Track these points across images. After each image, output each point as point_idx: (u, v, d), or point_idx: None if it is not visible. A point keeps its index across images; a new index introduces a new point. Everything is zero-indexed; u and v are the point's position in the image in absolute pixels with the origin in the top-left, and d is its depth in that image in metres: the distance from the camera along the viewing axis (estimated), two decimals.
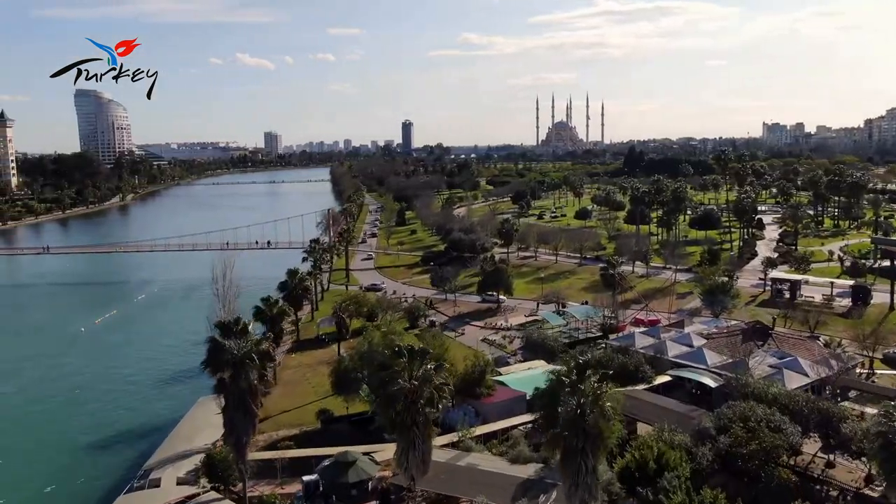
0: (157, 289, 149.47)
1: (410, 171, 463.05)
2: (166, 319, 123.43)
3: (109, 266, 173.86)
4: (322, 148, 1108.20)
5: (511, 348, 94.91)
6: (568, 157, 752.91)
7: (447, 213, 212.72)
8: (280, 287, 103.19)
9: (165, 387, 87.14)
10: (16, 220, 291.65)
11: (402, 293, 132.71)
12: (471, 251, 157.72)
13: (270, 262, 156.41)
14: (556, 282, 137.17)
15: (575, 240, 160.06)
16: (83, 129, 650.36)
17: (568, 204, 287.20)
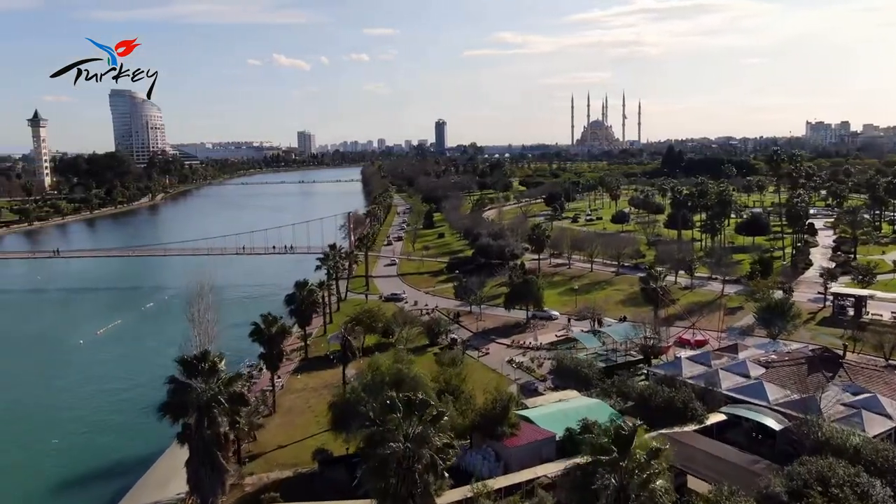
0: (168, 296, 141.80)
1: (441, 171, 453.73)
2: (171, 331, 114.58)
3: (122, 270, 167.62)
4: (356, 147, 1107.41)
5: (540, 373, 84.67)
6: (603, 157, 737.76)
7: (476, 216, 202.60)
8: (287, 300, 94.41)
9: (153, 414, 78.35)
10: (42, 220, 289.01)
11: (424, 304, 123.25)
12: (499, 258, 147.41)
13: (288, 268, 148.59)
14: (590, 293, 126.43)
15: (612, 246, 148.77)
16: (118, 129, 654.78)
17: (604, 206, 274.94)
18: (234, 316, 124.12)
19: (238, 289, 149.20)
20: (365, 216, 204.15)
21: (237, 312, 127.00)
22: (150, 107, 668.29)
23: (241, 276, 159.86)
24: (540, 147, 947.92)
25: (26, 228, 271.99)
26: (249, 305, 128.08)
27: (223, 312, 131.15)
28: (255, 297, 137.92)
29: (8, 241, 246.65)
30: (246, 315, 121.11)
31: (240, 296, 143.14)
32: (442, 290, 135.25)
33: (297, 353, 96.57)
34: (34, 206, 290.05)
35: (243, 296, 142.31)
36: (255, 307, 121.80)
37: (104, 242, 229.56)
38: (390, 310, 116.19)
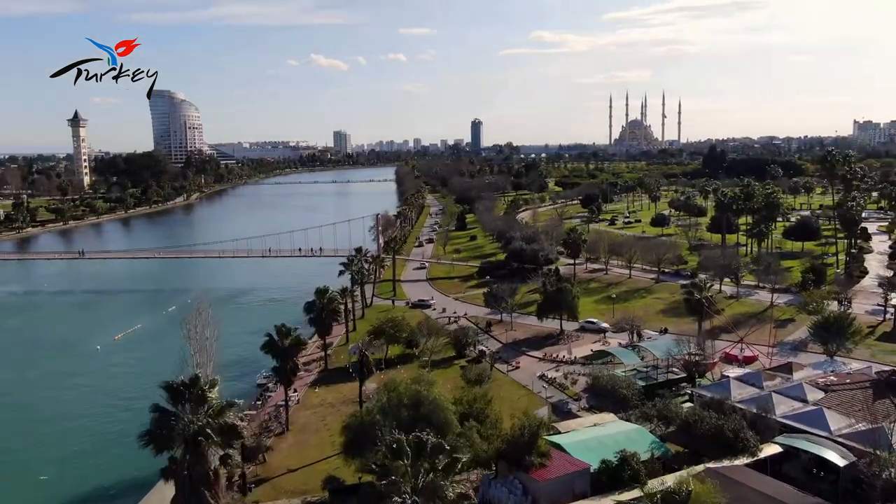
0: (190, 298, 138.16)
1: (476, 171, 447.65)
2: None
3: (148, 272, 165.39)
4: (392, 147, 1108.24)
5: (574, 390, 78.52)
6: (642, 157, 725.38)
7: (510, 218, 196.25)
8: (306, 308, 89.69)
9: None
10: (78, 219, 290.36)
11: (453, 311, 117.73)
12: (532, 263, 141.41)
13: (315, 271, 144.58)
14: (629, 301, 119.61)
15: (652, 251, 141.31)
16: (157, 129, 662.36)
17: (643, 208, 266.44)
18: (256, 321, 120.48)
19: (263, 292, 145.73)
20: (395, 218, 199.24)
21: (259, 317, 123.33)
22: (189, 107, 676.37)
23: (267, 279, 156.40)
24: (577, 147, 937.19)
25: (61, 228, 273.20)
26: (273, 309, 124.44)
27: (245, 316, 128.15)
28: (278, 300, 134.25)
29: (42, 241, 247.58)
30: (268, 320, 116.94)
31: (263, 299, 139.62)
32: (472, 296, 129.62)
33: (317, 363, 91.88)
34: (69, 205, 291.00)
35: (267, 299, 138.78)
36: (278, 312, 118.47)
37: (136, 242, 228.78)
38: (416, 318, 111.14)
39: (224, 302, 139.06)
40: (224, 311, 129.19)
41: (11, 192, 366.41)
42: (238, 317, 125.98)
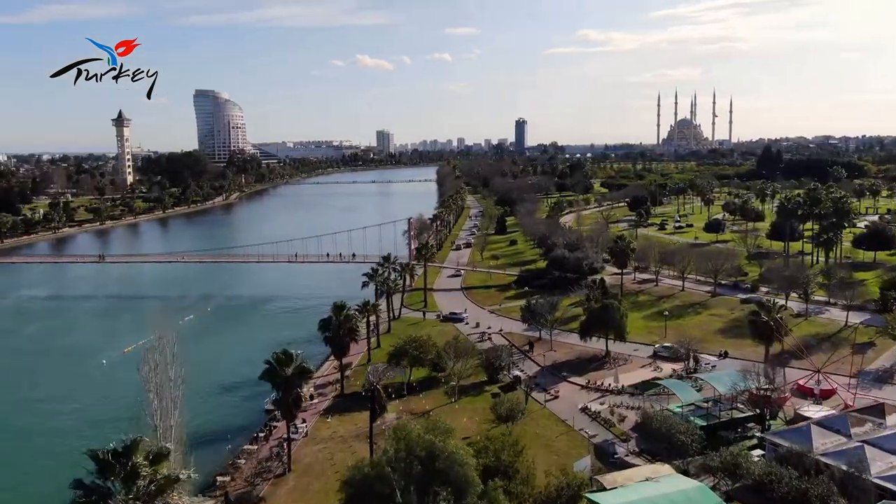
0: (212, 307, 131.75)
1: (518, 172, 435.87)
2: (205, 354, 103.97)
3: (171, 277, 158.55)
4: (435, 147, 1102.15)
5: (621, 429, 67.94)
6: (691, 157, 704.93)
7: (552, 222, 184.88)
8: (321, 325, 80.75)
9: None
10: (115, 219, 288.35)
11: (487, 326, 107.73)
12: (576, 272, 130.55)
13: (345, 277, 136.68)
14: (682, 318, 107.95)
15: (707, 261, 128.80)
16: (201, 129, 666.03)
17: (694, 212, 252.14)
18: (276, 331, 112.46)
19: (287, 300, 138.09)
20: (431, 221, 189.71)
21: (280, 327, 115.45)
22: (233, 107, 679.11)
23: (294, 286, 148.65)
24: (624, 147, 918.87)
25: (98, 228, 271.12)
26: (295, 320, 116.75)
27: (264, 327, 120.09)
28: (302, 309, 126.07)
29: (79, 241, 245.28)
30: (289, 331, 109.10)
31: (287, 308, 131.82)
32: (508, 308, 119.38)
33: (332, 386, 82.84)
34: (106, 205, 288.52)
35: (291, 308, 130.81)
36: (301, 323, 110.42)
37: (167, 244, 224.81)
38: (445, 334, 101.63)
39: (245, 310, 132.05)
40: (242, 327, 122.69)
41: (56, 192, 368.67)
42: (257, 327, 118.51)
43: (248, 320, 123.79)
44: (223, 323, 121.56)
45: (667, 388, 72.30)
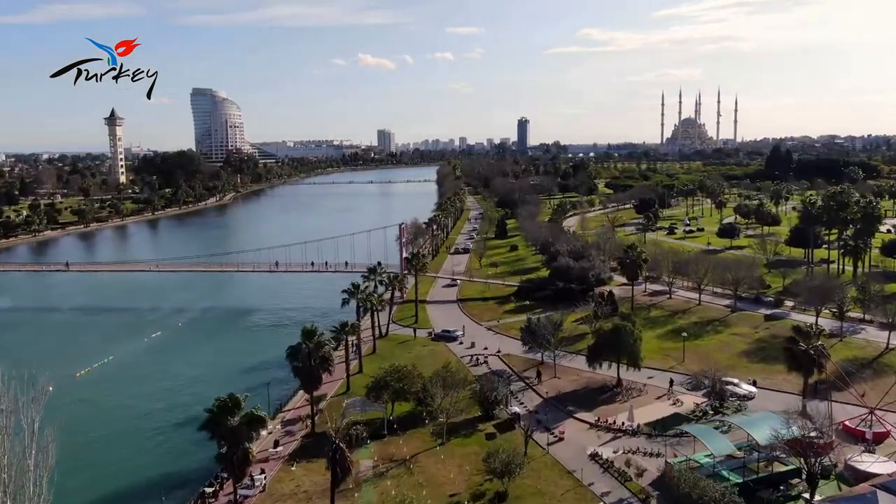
0: (183, 322, 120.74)
1: (520, 172, 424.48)
2: (169, 377, 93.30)
3: (147, 285, 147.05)
4: (437, 146, 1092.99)
5: (639, 484, 56.83)
6: (696, 157, 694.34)
7: (555, 227, 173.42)
8: (289, 354, 69.67)
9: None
10: (102, 221, 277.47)
11: (483, 346, 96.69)
12: (581, 283, 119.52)
13: (329, 290, 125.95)
14: (700, 337, 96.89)
15: (725, 271, 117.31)
16: (198, 128, 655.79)
17: (703, 214, 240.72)
18: (249, 352, 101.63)
19: (267, 314, 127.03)
20: (426, 226, 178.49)
21: (254, 345, 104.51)
22: (230, 105, 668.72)
23: (274, 298, 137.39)
24: (627, 146, 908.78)
25: (82, 230, 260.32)
26: (273, 339, 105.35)
27: (238, 346, 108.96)
28: (283, 325, 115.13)
29: (61, 245, 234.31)
30: (263, 351, 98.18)
31: (265, 324, 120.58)
32: (508, 325, 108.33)
33: (302, 424, 71.78)
34: (94, 206, 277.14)
35: (270, 324, 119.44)
36: (277, 340, 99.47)
37: (152, 248, 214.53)
38: (436, 356, 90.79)
39: (220, 325, 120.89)
40: (215, 344, 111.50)
41: (47, 193, 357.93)
42: (230, 346, 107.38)
43: (221, 337, 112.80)
44: (193, 340, 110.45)
45: (690, 433, 61.08)
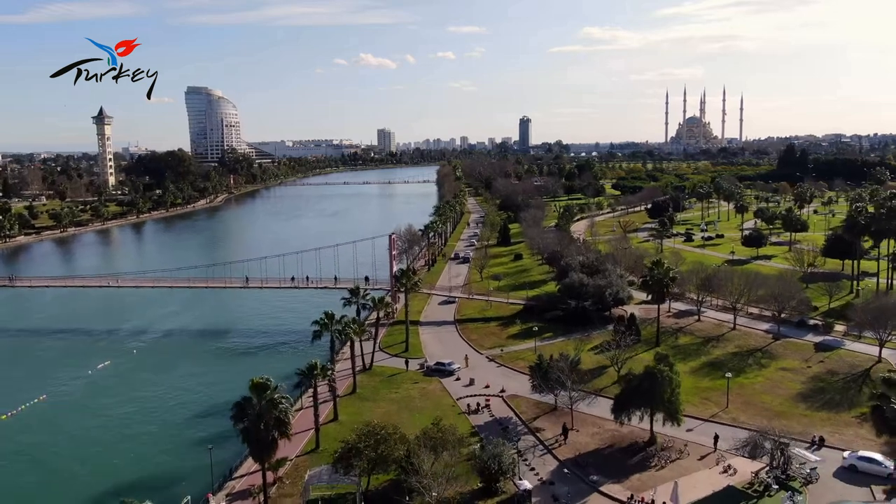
0: (139, 347, 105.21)
1: (523, 172, 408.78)
2: (100, 427, 77.78)
3: (107, 303, 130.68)
4: (438, 145, 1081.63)
5: None
6: (701, 156, 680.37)
7: (563, 236, 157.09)
8: (234, 413, 54.19)
9: None
10: (81, 226, 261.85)
11: (485, 384, 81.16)
12: (596, 301, 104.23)
13: (311, 308, 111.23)
14: (743, 373, 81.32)
15: (758, 287, 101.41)
16: (193, 128, 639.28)
17: (720, 217, 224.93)
18: (213, 384, 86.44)
19: (237, 337, 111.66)
20: (422, 233, 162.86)
21: (218, 377, 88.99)
22: (226, 104, 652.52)
23: (248, 317, 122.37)
24: (629, 145, 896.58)
25: (59, 236, 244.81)
26: (238, 366, 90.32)
27: (202, 374, 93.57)
28: (251, 350, 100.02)
29: (33, 251, 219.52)
30: (225, 387, 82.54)
31: (236, 348, 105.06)
32: (514, 354, 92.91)
33: (255, 499, 56.37)
34: (75, 209, 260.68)
35: (239, 349, 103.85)
36: (244, 370, 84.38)
37: (127, 257, 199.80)
38: (428, 397, 75.73)
39: (181, 352, 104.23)
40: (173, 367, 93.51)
41: (32, 194, 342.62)
42: (187, 380, 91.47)
43: (180, 367, 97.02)
44: (145, 372, 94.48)
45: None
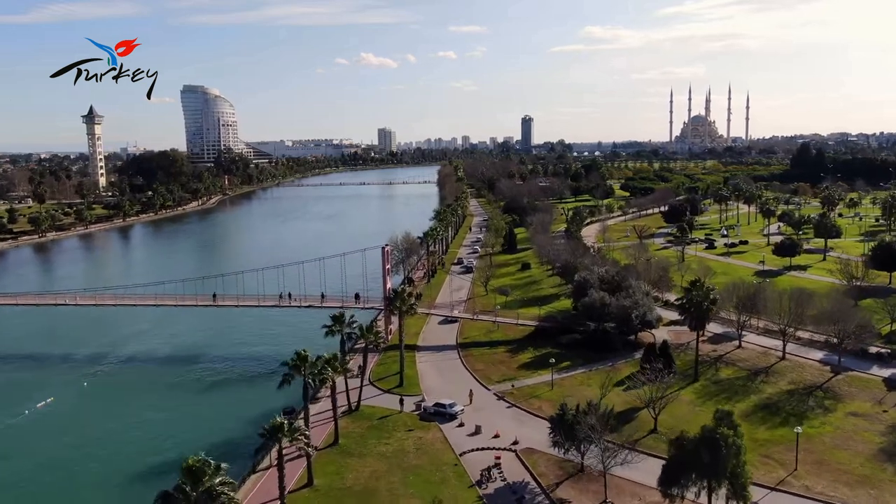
0: (91, 379, 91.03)
1: (527, 172, 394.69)
2: (32, 482, 64.04)
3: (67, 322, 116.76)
4: (440, 145, 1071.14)
5: None
6: (707, 155, 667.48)
7: (575, 244, 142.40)
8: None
9: None
10: (63, 230, 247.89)
11: (494, 434, 67.13)
12: (620, 323, 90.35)
13: (299, 326, 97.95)
14: (806, 420, 67.28)
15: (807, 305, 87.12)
16: (189, 127, 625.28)
17: (739, 220, 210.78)
18: (172, 426, 72.23)
19: (208, 364, 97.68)
20: (420, 241, 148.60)
21: (181, 418, 74.71)
22: (223, 103, 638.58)
23: (224, 339, 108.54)
24: (632, 144, 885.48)
25: (36, 241, 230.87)
26: (207, 400, 76.57)
27: (161, 413, 79.31)
28: (222, 382, 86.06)
29: (10, 259, 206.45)
30: (186, 433, 68.76)
31: (205, 378, 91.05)
32: (527, 389, 78.94)
33: None
34: (48, 214, 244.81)
35: (208, 379, 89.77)
36: (212, 412, 70.96)
37: (101, 267, 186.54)
38: (424, 451, 61.95)
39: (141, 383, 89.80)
40: (127, 405, 77.82)
41: (19, 196, 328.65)
42: (141, 422, 77.44)
43: (134, 406, 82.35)
44: (92, 413, 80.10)
45: None
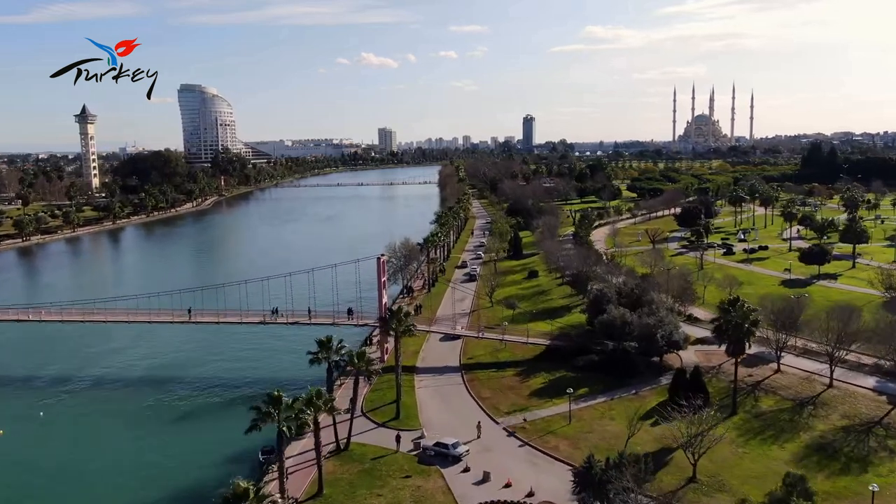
0: (51, 407, 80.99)
1: (530, 173, 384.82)
2: None
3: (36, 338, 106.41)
4: (440, 145, 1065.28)
5: None
6: (712, 155, 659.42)
7: (587, 253, 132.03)
8: None
9: None
10: (49, 233, 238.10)
11: (505, 483, 57.45)
12: (644, 342, 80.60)
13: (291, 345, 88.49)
14: (872, 469, 57.56)
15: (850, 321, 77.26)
16: (187, 127, 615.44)
17: (755, 223, 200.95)
18: (134, 468, 62.52)
19: (179, 389, 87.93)
20: (420, 248, 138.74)
21: (144, 455, 64.95)
22: (221, 102, 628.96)
23: (200, 359, 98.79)
24: (635, 144, 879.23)
25: (21, 245, 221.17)
26: (176, 431, 66.79)
27: (122, 447, 68.23)
28: (193, 412, 76.34)
29: None
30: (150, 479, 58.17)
31: (174, 406, 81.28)
32: (541, 423, 69.17)
33: None
34: (28, 218, 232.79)
35: (177, 408, 79.96)
36: (183, 443, 61.09)
37: (79, 275, 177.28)
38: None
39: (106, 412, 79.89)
40: (85, 440, 68.90)
41: (9, 197, 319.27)
42: (96, 475, 67.69)
43: (95, 441, 73.02)
44: (48, 447, 70.64)
45: None
